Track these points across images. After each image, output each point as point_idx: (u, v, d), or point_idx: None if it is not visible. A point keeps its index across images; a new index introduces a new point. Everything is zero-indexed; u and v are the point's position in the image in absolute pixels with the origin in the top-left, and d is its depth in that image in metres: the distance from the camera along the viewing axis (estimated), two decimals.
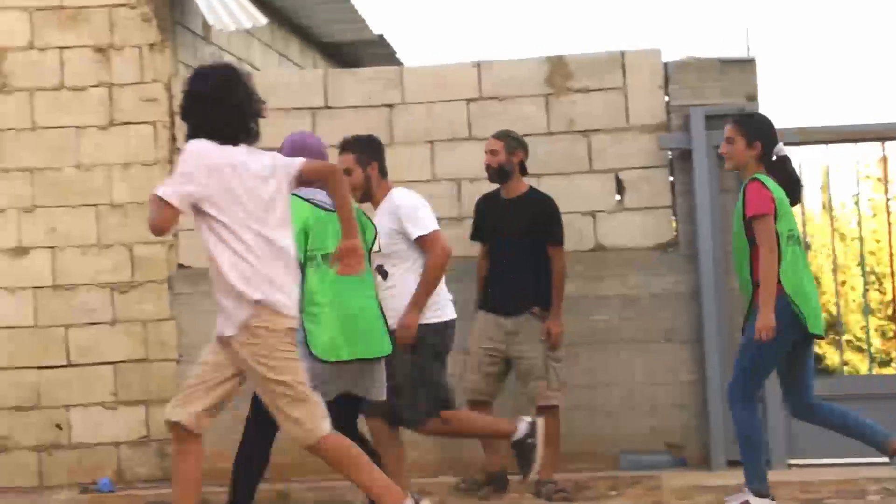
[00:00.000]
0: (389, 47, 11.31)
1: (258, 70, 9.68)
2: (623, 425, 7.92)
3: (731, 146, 6.33)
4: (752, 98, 8.08)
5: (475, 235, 7.66)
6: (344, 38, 11.08)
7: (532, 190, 7.51)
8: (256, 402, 5.43)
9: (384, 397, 5.98)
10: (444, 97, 8.30)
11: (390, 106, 8.32)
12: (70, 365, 8.07)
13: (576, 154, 8.19)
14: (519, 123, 8.09)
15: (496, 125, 8.13)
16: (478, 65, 8.33)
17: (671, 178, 8.15)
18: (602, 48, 8.37)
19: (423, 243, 6.54)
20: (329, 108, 8.33)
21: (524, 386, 7.29)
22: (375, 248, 6.08)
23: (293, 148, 6.00)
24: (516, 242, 7.34)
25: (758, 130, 6.32)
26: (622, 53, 8.24)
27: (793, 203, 6.33)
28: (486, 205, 7.60)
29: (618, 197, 8.16)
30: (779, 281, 6.07)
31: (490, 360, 7.30)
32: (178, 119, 8.20)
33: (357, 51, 11.43)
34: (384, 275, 6.52)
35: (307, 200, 5.83)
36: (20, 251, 8.17)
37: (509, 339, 7.27)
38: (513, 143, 7.48)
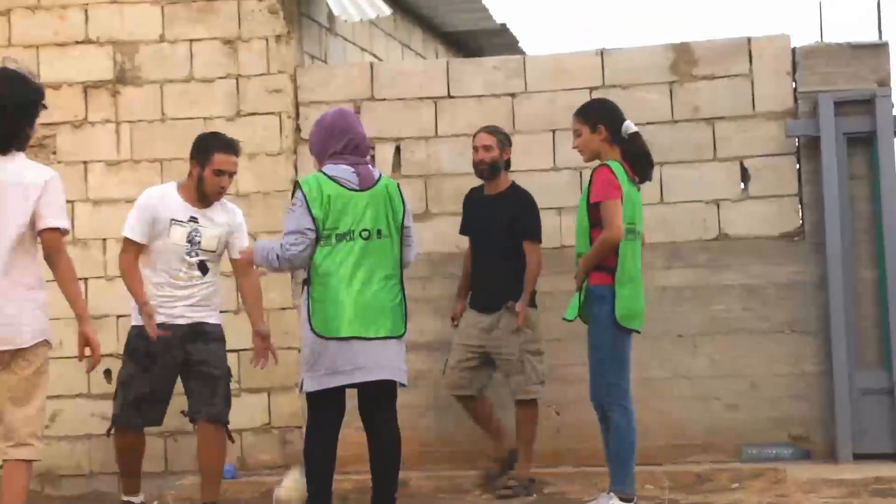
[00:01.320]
0: (512, 36, 11.28)
1: (381, 60, 9.75)
2: (745, 417, 7.81)
3: (579, 138, 6.42)
4: (884, 83, 7.89)
5: (462, 231, 7.78)
6: (466, 27, 11.10)
7: (513, 186, 7.56)
8: None
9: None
10: (567, 85, 8.26)
11: (513, 95, 8.31)
12: None
13: (700, 142, 8.09)
14: (642, 111, 8.02)
15: None
16: (601, 53, 8.27)
17: (798, 166, 8.01)
18: (727, 34, 8.20)
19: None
20: (451, 97, 8.35)
21: (506, 381, 7.46)
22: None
23: (318, 128, 6.04)
24: (497, 239, 7.44)
25: (598, 115, 6.42)
26: (748, 39, 8.11)
27: (643, 180, 6.45)
28: (471, 201, 7.70)
29: (742, 185, 8.04)
30: (609, 270, 6.20)
31: (469, 355, 7.45)
32: (303, 110, 8.36)
33: (479, 40, 11.43)
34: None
35: (332, 179, 5.86)
36: None
37: (486, 334, 7.40)
38: (504, 139, 7.57)
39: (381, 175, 6.03)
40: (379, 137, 8.28)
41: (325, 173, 5.90)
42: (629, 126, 6.47)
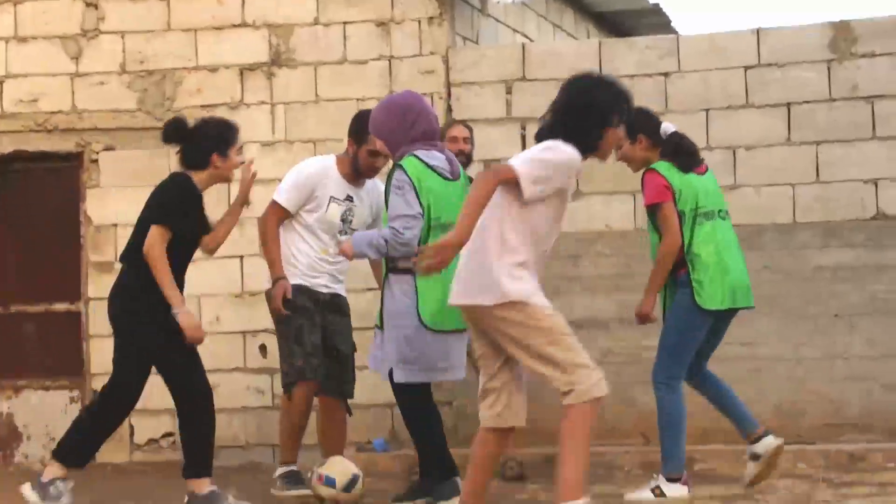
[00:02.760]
0: (665, 16, 11.18)
1: (532, 41, 9.75)
2: None
3: (621, 151, 6.24)
4: None
5: None
6: (618, 7, 11.02)
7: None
8: None
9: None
10: (721, 65, 8.18)
11: (665, 74, 8.25)
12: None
13: (858, 120, 7.93)
14: (798, 90, 7.96)
15: (774, 92, 8.03)
16: (756, 32, 8.17)
17: None
18: (889, 12, 8.03)
19: None
20: None
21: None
22: None
23: (390, 109, 5.88)
24: None
25: (633, 126, 6.10)
26: None
27: (690, 168, 6.25)
28: None
29: None
30: (685, 262, 6.12)
31: None
32: (454, 90, 8.41)
33: (631, 20, 11.35)
34: None
35: (431, 167, 5.74)
36: None
37: None
38: (471, 133, 7.43)
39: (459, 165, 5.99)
40: (531, 118, 8.27)
41: (421, 159, 5.75)
42: (667, 128, 6.35)
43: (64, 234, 8.77)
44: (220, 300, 8.38)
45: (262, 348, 8.29)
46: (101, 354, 8.43)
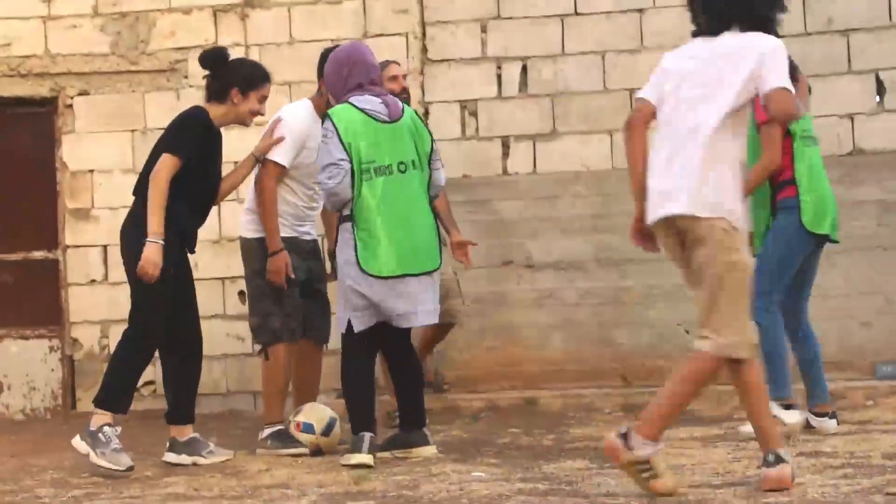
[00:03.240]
0: None
1: None
2: (880, 335, 7.68)
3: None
4: None
5: None
6: None
7: None
8: None
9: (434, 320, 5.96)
10: None
11: (640, 10, 8.22)
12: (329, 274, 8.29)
13: (833, 54, 7.90)
14: None
15: None
16: None
17: None
18: None
19: None
20: (578, 14, 8.26)
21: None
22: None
23: (333, 62, 5.95)
24: None
25: None
26: None
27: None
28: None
29: (878, 98, 7.85)
30: (789, 184, 6.06)
31: None
32: (429, 30, 8.35)
33: None
34: None
35: (362, 111, 5.76)
36: None
37: None
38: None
39: (403, 105, 5.93)
40: (505, 57, 8.25)
41: (353, 104, 5.79)
42: None
43: (39, 181, 8.71)
44: (198, 247, 8.34)
45: (242, 294, 8.28)
46: (79, 301, 8.44)
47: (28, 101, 8.70)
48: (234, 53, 8.33)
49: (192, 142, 5.96)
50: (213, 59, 6.19)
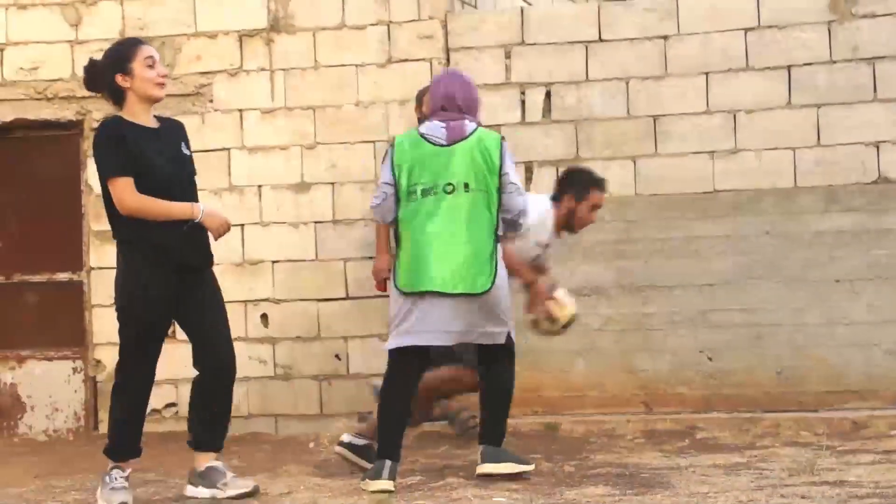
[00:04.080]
0: None
1: (531, 5, 9.70)
2: None
3: None
4: None
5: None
6: None
7: None
8: None
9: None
10: (720, 27, 8.12)
11: (665, 37, 8.19)
12: (348, 298, 8.34)
13: (859, 82, 7.89)
14: (798, 52, 7.90)
15: (774, 54, 7.99)
16: None
17: None
18: None
19: None
20: (603, 41, 8.27)
21: None
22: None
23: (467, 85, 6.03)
24: None
25: None
26: None
27: None
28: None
29: None
30: None
31: None
32: (453, 55, 8.37)
33: None
34: None
35: (423, 136, 5.88)
36: (302, 187, 8.46)
37: None
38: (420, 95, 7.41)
39: (476, 129, 5.91)
40: (530, 83, 8.26)
41: (417, 129, 6.00)
42: None
43: (65, 204, 8.76)
44: (220, 269, 8.26)
45: (264, 318, 8.31)
46: (102, 324, 8.46)
47: (54, 125, 8.76)
48: (259, 78, 8.50)
49: (116, 155, 5.67)
50: (89, 74, 5.88)
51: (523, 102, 8.26)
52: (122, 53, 5.86)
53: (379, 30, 8.45)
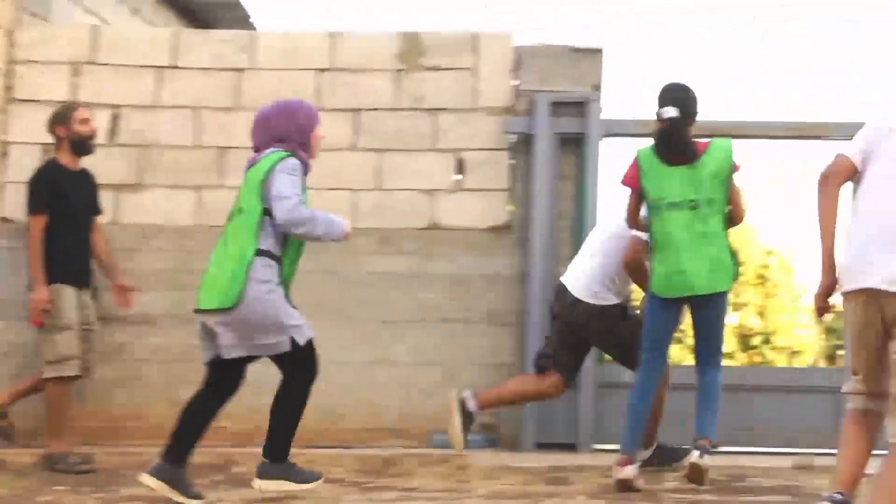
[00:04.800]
0: (244, 11, 11.15)
1: (109, 24, 9.52)
2: (438, 404, 7.88)
3: None
4: (597, 88, 8.11)
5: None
6: None
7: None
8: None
9: None
10: (296, 65, 8.26)
11: (240, 70, 8.25)
12: None
13: (420, 131, 8.18)
14: (367, 97, 8.13)
15: (345, 96, 8.18)
16: (332, 36, 8.29)
17: (512, 162, 8.16)
18: (456, 29, 8.31)
19: None
20: (177, 67, 8.24)
21: None
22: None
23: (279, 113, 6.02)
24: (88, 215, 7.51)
25: None
26: (475, 35, 8.25)
27: (670, 161, 6.33)
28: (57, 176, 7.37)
29: (458, 177, 8.16)
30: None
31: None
32: (19, 68, 8.09)
33: (212, 12, 11.22)
34: None
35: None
36: None
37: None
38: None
39: (268, 154, 5.90)
40: (97, 103, 8.12)
41: None
42: (660, 112, 6.41)
43: None
44: None
45: None
46: None
47: None
48: None
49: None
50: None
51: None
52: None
53: None
